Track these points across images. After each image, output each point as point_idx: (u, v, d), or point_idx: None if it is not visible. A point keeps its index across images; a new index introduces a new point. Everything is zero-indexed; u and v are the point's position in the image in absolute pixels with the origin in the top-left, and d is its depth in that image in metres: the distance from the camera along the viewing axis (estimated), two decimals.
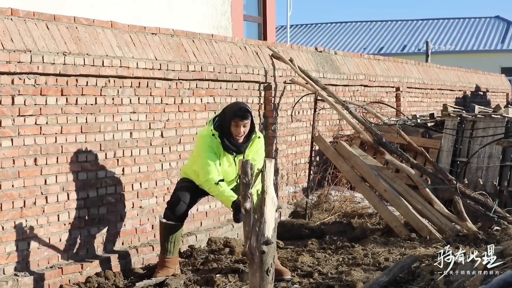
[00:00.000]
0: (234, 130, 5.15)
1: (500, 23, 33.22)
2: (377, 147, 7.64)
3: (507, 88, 16.72)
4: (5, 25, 4.82)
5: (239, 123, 5.13)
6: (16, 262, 4.88)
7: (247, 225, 4.42)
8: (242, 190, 4.46)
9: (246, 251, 4.39)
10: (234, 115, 5.13)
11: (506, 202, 7.83)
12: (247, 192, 4.41)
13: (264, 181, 4.42)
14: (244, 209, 4.42)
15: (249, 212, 4.40)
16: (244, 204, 4.41)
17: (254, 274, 4.32)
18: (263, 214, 4.35)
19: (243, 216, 4.48)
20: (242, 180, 4.49)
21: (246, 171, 4.42)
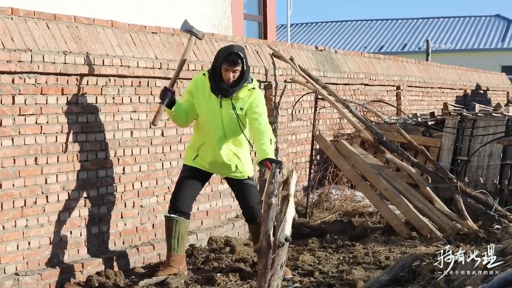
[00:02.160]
0: (224, 74, 5.07)
1: (501, 22, 33.22)
2: (378, 146, 7.64)
3: (507, 87, 16.72)
4: (6, 24, 4.82)
5: (229, 68, 5.03)
6: (17, 261, 4.88)
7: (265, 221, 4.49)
8: (268, 189, 4.62)
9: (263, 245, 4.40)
10: (224, 59, 5.03)
11: (506, 200, 7.83)
12: (274, 191, 4.58)
13: (289, 187, 4.77)
14: (269, 205, 4.53)
15: (273, 208, 4.52)
16: (269, 200, 4.55)
17: (266, 266, 4.34)
18: (286, 214, 4.56)
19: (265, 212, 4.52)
20: (269, 180, 4.67)
21: (274, 173, 4.70)
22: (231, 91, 5.09)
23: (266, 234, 4.40)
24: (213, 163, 5.26)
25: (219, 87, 5.08)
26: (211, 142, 5.21)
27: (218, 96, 5.10)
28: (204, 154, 5.27)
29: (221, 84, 5.08)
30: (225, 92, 5.09)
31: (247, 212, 5.35)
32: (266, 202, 4.56)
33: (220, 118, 5.14)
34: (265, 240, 4.38)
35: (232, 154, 5.25)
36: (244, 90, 5.15)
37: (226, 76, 5.05)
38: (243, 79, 5.11)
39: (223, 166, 5.28)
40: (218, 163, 5.26)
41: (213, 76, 5.09)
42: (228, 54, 5.01)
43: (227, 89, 5.08)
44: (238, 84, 5.09)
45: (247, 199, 5.32)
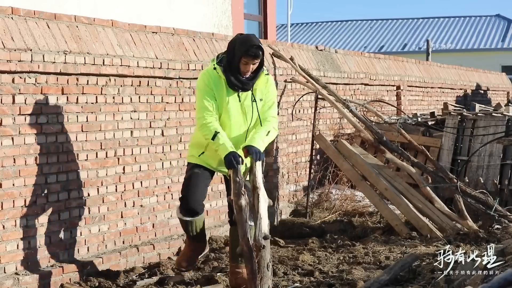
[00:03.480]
0: (243, 67, 4.66)
1: (501, 22, 33.21)
2: (378, 145, 7.64)
3: (507, 87, 16.72)
4: (6, 24, 4.82)
5: (249, 62, 4.64)
6: (17, 261, 4.88)
7: (241, 223, 4.36)
8: (234, 189, 4.41)
9: (244, 249, 4.31)
10: (246, 53, 4.60)
11: (506, 200, 7.83)
12: (240, 189, 4.38)
13: (256, 179, 4.47)
14: (239, 206, 4.36)
15: (244, 209, 4.37)
16: (239, 202, 4.36)
17: (252, 270, 4.31)
18: (258, 210, 4.37)
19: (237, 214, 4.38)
20: (233, 179, 4.43)
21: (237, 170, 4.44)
22: (251, 83, 4.73)
23: (245, 238, 4.30)
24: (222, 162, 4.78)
25: (239, 80, 4.69)
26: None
27: (238, 90, 4.73)
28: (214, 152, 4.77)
29: (239, 77, 4.69)
30: (246, 86, 4.72)
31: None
32: (236, 203, 4.36)
33: (241, 113, 4.77)
34: (245, 244, 4.30)
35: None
36: (261, 79, 4.79)
37: (245, 69, 4.66)
38: (261, 69, 4.76)
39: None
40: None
41: (230, 70, 4.68)
42: (249, 47, 4.61)
43: (247, 82, 4.71)
44: (256, 75, 4.74)
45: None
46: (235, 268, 4.98)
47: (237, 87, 4.71)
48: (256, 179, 4.51)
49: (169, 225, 6.19)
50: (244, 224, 4.35)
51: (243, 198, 4.38)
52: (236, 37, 4.78)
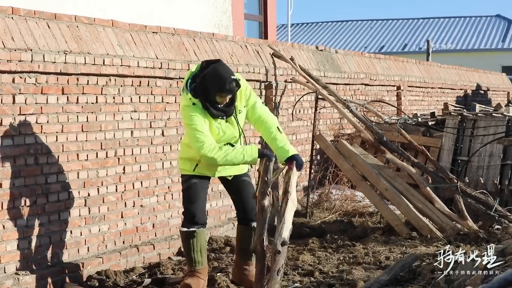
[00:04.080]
0: (220, 100, 4.59)
1: (501, 22, 33.21)
2: (378, 146, 7.64)
3: (508, 87, 16.72)
4: (6, 23, 4.83)
5: (226, 97, 4.59)
6: (17, 261, 4.88)
7: (260, 222, 4.36)
8: (261, 187, 4.39)
9: (257, 248, 4.30)
10: (221, 91, 4.53)
11: (507, 200, 7.83)
12: (266, 189, 4.37)
13: (289, 183, 4.44)
14: (262, 206, 4.35)
15: (266, 209, 4.36)
16: (262, 201, 4.35)
17: (261, 271, 4.30)
18: (284, 214, 4.33)
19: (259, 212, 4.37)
20: (262, 178, 4.42)
21: (267, 169, 4.42)
22: (233, 108, 4.69)
23: (260, 238, 4.30)
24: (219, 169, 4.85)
25: (220, 110, 4.63)
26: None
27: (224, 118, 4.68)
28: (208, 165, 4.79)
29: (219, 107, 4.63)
30: (228, 112, 4.68)
31: (245, 212, 4.95)
32: (260, 203, 4.36)
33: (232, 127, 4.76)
34: (259, 244, 4.29)
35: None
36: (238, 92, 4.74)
37: (223, 101, 4.61)
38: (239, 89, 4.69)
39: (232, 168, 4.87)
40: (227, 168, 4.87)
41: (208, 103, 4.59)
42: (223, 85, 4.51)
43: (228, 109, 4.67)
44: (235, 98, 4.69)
45: (245, 198, 4.93)
46: (243, 265, 4.97)
47: (221, 117, 4.66)
48: (290, 183, 4.47)
49: (169, 225, 6.19)
50: (263, 223, 4.34)
51: (267, 199, 4.36)
52: (206, 73, 4.59)
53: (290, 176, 4.50)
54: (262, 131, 4.82)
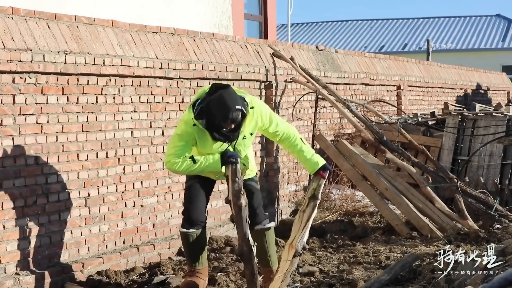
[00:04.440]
0: (225, 126, 4.53)
1: (501, 22, 33.20)
2: (378, 145, 7.64)
3: (508, 86, 16.72)
4: (6, 24, 4.83)
5: (231, 125, 4.53)
6: (17, 261, 4.88)
7: (240, 224, 4.33)
8: (233, 189, 4.35)
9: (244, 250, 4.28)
10: (225, 120, 4.48)
11: (507, 200, 7.83)
12: (240, 190, 4.35)
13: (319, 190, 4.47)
14: (239, 207, 4.33)
15: (244, 209, 4.33)
16: (239, 202, 4.32)
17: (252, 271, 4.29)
18: (308, 219, 4.35)
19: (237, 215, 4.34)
20: (232, 180, 4.37)
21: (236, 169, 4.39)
22: (237, 134, 4.59)
23: (245, 238, 4.28)
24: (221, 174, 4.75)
25: (222, 135, 4.55)
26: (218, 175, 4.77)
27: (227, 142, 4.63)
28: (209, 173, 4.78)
29: (222, 132, 4.55)
30: (232, 137, 4.60)
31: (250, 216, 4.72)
32: (236, 204, 4.32)
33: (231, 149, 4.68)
34: (245, 244, 4.27)
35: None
36: (248, 119, 4.62)
37: (228, 128, 4.53)
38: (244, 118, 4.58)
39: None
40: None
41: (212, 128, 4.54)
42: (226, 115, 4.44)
43: (232, 134, 4.57)
44: (240, 125, 4.58)
45: (251, 202, 4.77)
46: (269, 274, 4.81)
47: (224, 141, 4.60)
48: (318, 189, 4.50)
49: (170, 225, 6.20)
50: (243, 224, 4.32)
51: (243, 198, 4.34)
52: (212, 98, 4.52)
53: (320, 184, 4.53)
54: (286, 146, 4.83)
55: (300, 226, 4.34)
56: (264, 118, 4.74)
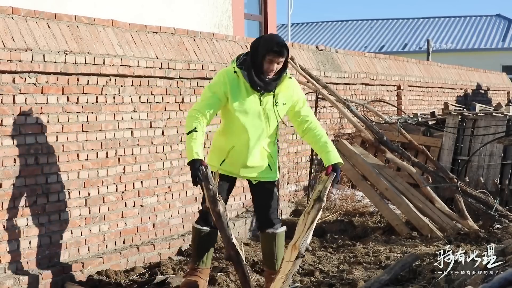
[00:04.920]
0: (267, 66, 4.49)
1: (501, 22, 33.22)
2: (378, 145, 7.64)
3: (508, 86, 16.72)
4: (6, 23, 4.83)
5: (274, 60, 4.47)
6: (17, 260, 4.88)
7: (222, 229, 4.31)
8: (209, 196, 4.28)
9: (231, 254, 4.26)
10: (270, 50, 4.44)
11: (507, 200, 7.84)
12: (215, 196, 4.29)
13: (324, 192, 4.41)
14: (217, 213, 4.28)
15: (223, 215, 4.29)
16: (216, 209, 4.28)
17: (244, 273, 4.29)
18: (313, 221, 4.32)
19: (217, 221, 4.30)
20: (206, 187, 4.29)
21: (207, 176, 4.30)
22: (274, 84, 4.55)
23: (230, 243, 4.27)
24: (245, 167, 4.68)
25: (261, 80, 4.50)
26: (245, 144, 4.62)
27: (261, 91, 4.54)
28: (235, 159, 4.67)
29: (262, 77, 4.51)
30: (268, 86, 4.53)
31: (264, 219, 4.79)
32: (214, 210, 4.28)
33: (262, 117, 4.60)
34: (231, 248, 4.27)
35: (266, 153, 4.72)
36: (284, 83, 4.62)
37: (269, 68, 4.48)
38: (284, 70, 4.59)
39: (257, 168, 4.70)
40: (252, 167, 4.69)
41: (254, 69, 4.50)
42: (275, 44, 4.46)
43: (270, 82, 4.53)
44: (279, 76, 4.55)
45: (268, 205, 4.77)
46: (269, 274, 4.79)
47: (259, 87, 4.53)
48: (324, 191, 4.43)
49: (170, 225, 6.20)
50: (226, 229, 4.30)
51: (220, 204, 4.30)
52: (260, 37, 4.70)
53: (326, 186, 4.46)
54: (309, 136, 4.71)
55: (304, 227, 4.32)
56: (300, 93, 4.72)
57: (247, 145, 4.61)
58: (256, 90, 4.54)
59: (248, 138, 4.60)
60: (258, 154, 4.66)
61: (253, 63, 4.52)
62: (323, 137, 4.65)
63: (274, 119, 4.65)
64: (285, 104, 4.66)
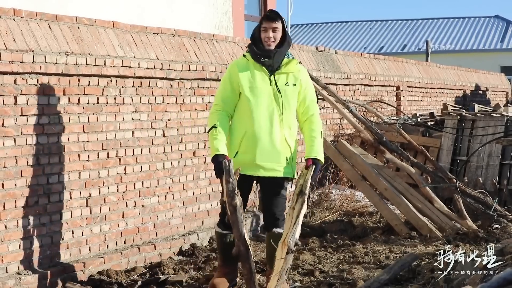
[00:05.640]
0: (263, 35, 4.64)
1: (500, 23, 33.25)
2: (378, 146, 7.66)
3: (506, 87, 16.75)
4: (8, 25, 4.85)
5: (268, 26, 4.63)
6: (19, 260, 4.90)
7: (236, 224, 4.32)
8: (227, 189, 4.32)
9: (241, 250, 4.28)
10: (263, 18, 4.67)
11: (505, 200, 7.85)
12: (234, 190, 4.32)
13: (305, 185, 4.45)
14: (234, 207, 4.31)
15: (239, 209, 4.32)
16: (233, 202, 4.31)
17: (250, 270, 4.30)
18: (298, 215, 4.34)
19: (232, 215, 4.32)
20: (226, 180, 4.35)
21: (229, 170, 4.36)
22: (275, 51, 4.64)
23: (241, 238, 4.29)
24: (261, 153, 4.63)
25: (260, 49, 4.65)
26: (258, 125, 4.62)
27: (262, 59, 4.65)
28: (249, 146, 4.64)
29: (261, 46, 4.66)
30: (269, 53, 4.63)
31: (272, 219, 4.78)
32: (231, 204, 4.31)
33: (272, 97, 4.65)
34: (242, 244, 4.29)
35: (285, 142, 4.71)
36: (293, 64, 4.72)
37: (266, 36, 4.63)
38: (286, 41, 4.69)
39: (273, 156, 4.66)
40: (267, 152, 4.64)
41: (254, 43, 4.69)
42: (267, 12, 4.74)
43: (270, 50, 4.64)
44: (281, 47, 4.67)
45: (276, 205, 4.76)
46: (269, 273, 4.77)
47: (259, 56, 4.65)
48: (305, 184, 4.47)
49: (170, 225, 6.22)
50: (239, 224, 4.32)
51: (237, 198, 4.33)
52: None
53: (307, 179, 4.50)
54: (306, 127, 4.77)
55: (291, 223, 4.35)
56: (309, 82, 4.82)
57: (259, 126, 4.63)
58: (260, 62, 4.66)
59: (259, 118, 4.62)
60: (274, 138, 4.66)
61: (253, 39, 4.73)
62: (314, 132, 4.74)
63: (286, 101, 4.68)
64: (295, 85, 4.72)
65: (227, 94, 4.70)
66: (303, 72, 4.78)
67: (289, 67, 4.71)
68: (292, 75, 4.71)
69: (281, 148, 4.69)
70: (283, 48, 4.69)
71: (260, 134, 4.63)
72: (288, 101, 4.70)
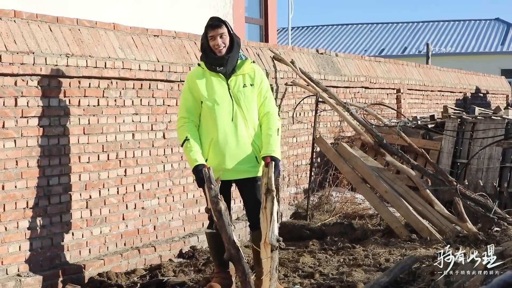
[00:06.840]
0: (212, 43, 4.69)
1: (500, 25, 33.26)
2: (378, 148, 7.66)
3: (507, 90, 16.75)
4: (8, 27, 4.86)
5: (214, 34, 4.68)
6: (19, 262, 4.90)
7: (223, 228, 4.33)
8: (211, 195, 4.37)
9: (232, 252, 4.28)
10: (207, 27, 4.71)
11: (506, 203, 7.86)
12: (217, 195, 4.36)
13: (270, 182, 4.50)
14: (219, 211, 4.33)
15: (224, 213, 4.34)
16: (218, 207, 4.34)
17: (244, 272, 4.30)
18: (272, 213, 4.39)
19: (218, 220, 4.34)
20: (208, 187, 4.39)
21: (209, 177, 4.41)
22: (227, 57, 4.70)
23: (230, 241, 4.30)
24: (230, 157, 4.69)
25: (214, 59, 4.70)
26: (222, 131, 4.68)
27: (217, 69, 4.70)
28: (218, 151, 4.70)
29: (213, 55, 4.71)
30: (222, 61, 4.69)
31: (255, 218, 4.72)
32: (216, 210, 4.33)
33: (232, 99, 4.71)
34: (232, 247, 4.30)
35: (253, 142, 4.77)
36: (247, 64, 4.81)
37: (214, 44, 4.69)
38: (235, 44, 4.74)
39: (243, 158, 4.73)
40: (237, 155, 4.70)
41: (206, 54, 4.75)
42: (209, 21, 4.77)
43: (223, 57, 4.70)
44: (231, 50, 4.72)
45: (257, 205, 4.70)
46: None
47: (213, 65, 4.71)
48: (270, 181, 4.51)
49: (170, 227, 6.22)
50: (227, 228, 4.34)
51: (221, 203, 4.37)
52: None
53: (270, 176, 4.55)
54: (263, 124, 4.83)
55: (267, 222, 4.40)
56: (264, 79, 4.90)
57: (224, 132, 4.70)
58: (215, 71, 4.72)
59: (224, 124, 4.70)
60: (241, 140, 4.73)
61: (204, 51, 4.79)
62: (270, 130, 4.79)
63: (247, 102, 4.78)
64: (252, 85, 4.82)
65: (190, 104, 4.75)
66: (257, 71, 4.86)
67: (244, 68, 4.80)
68: (247, 75, 4.81)
69: (249, 149, 4.78)
70: (233, 52, 4.76)
71: (227, 139, 4.71)
72: (249, 102, 4.79)
